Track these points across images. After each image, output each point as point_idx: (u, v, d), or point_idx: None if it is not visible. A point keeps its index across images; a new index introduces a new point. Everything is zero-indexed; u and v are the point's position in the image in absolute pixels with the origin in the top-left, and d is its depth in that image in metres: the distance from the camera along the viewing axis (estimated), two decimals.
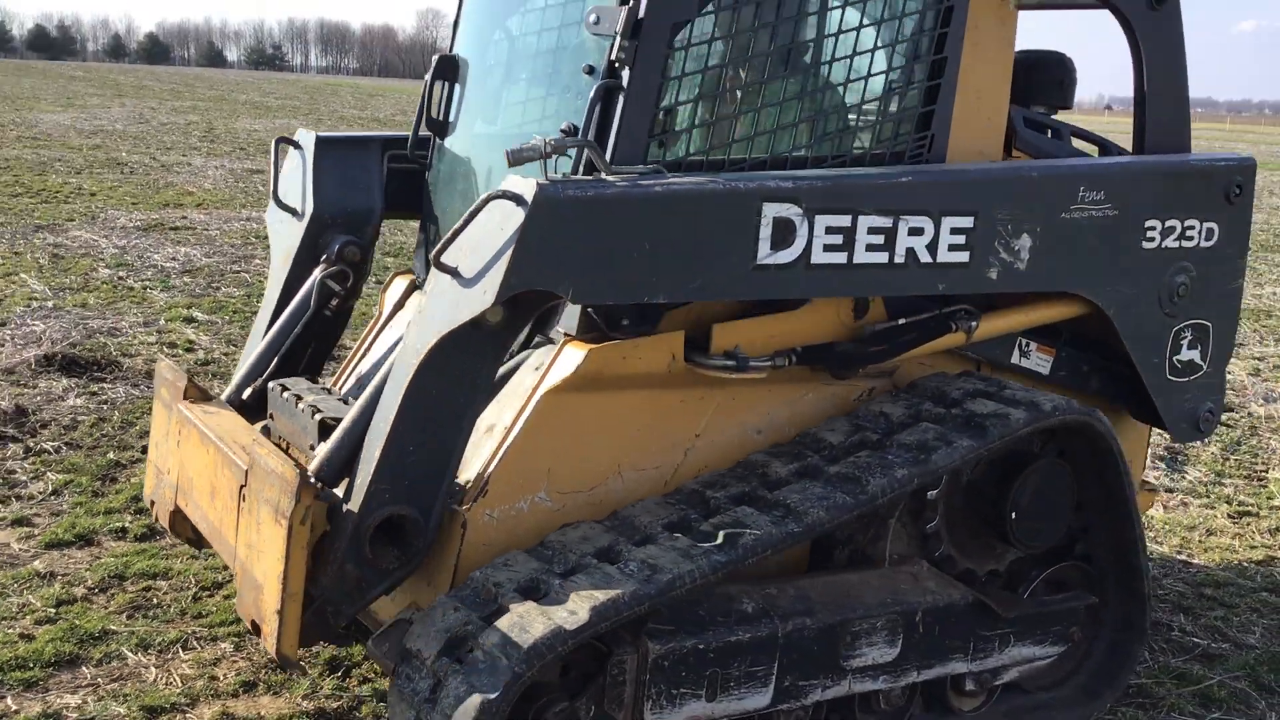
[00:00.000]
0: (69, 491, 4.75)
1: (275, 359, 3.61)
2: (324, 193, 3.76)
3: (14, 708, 3.20)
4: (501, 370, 3.09)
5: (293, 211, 3.80)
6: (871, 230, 3.06)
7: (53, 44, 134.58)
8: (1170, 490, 5.64)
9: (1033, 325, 3.64)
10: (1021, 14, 3.57)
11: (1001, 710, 3.54)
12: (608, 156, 2.87)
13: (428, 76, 3.76)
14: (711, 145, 3.13)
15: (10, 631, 3.60)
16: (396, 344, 3.27)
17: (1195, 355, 3.83)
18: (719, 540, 2.81)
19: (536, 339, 3.21)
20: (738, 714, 2.92)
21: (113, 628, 3.68)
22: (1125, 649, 3.69)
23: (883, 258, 3.09)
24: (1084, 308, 3.62)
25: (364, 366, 3.72)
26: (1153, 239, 3.62)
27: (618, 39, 2.88)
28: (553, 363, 2.99)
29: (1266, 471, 6.03)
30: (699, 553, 2.76)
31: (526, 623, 2.56)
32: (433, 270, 2.79)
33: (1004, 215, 3.28)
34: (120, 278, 9.16)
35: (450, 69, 3.80)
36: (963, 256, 3.24)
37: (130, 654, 3.54)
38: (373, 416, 2.86)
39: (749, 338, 3.16)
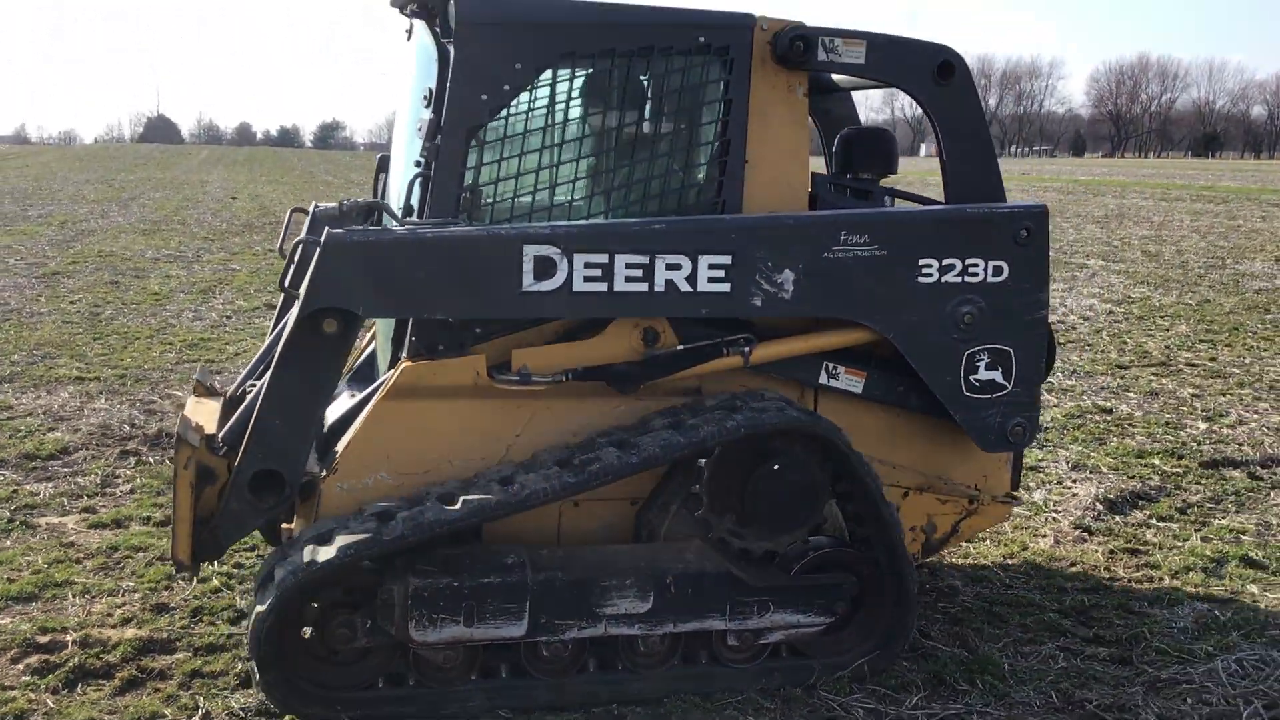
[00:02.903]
0: (140, 492, 6.31)
1: (262, 366, 4.86)
2: None
3: None
4: (378, 383, 4.29)
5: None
6: (630, 265, 3.93)
7: None
8: (1082, 526, 5.79)
9: (818, 350, 4.31)
10: None
11: (771, 666, 4.21)
12: None
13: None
14: (514, 217, 4.14)
15: (2, 577, 5.10)
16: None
17: (996, 376, 4.34)
18: (466, 503, 3.80)
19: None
20: (498, 639, 3.88)
21: (76, 579, 5.10)
22: (880, 659, 4.27)
23: (643, 287, 3.96)
24: (871, 334, 4.26)
25: None
26: (930, 275, 4.21)
27: (423, 142, 4.07)
28: (389, 378, 4.09)
29: (1207, 522, 5.99)
30: (451, 510, 3.78)
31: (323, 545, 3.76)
32: None
33: (762, 254, 4.03)
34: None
35: (385, 164, 5.13)
36: (724, 287, 4.02)
37: (70, 597, 4.93)
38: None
39: (545, 360, 4.11)
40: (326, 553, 3.68)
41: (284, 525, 4.28)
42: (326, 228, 3.83)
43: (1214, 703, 4.01)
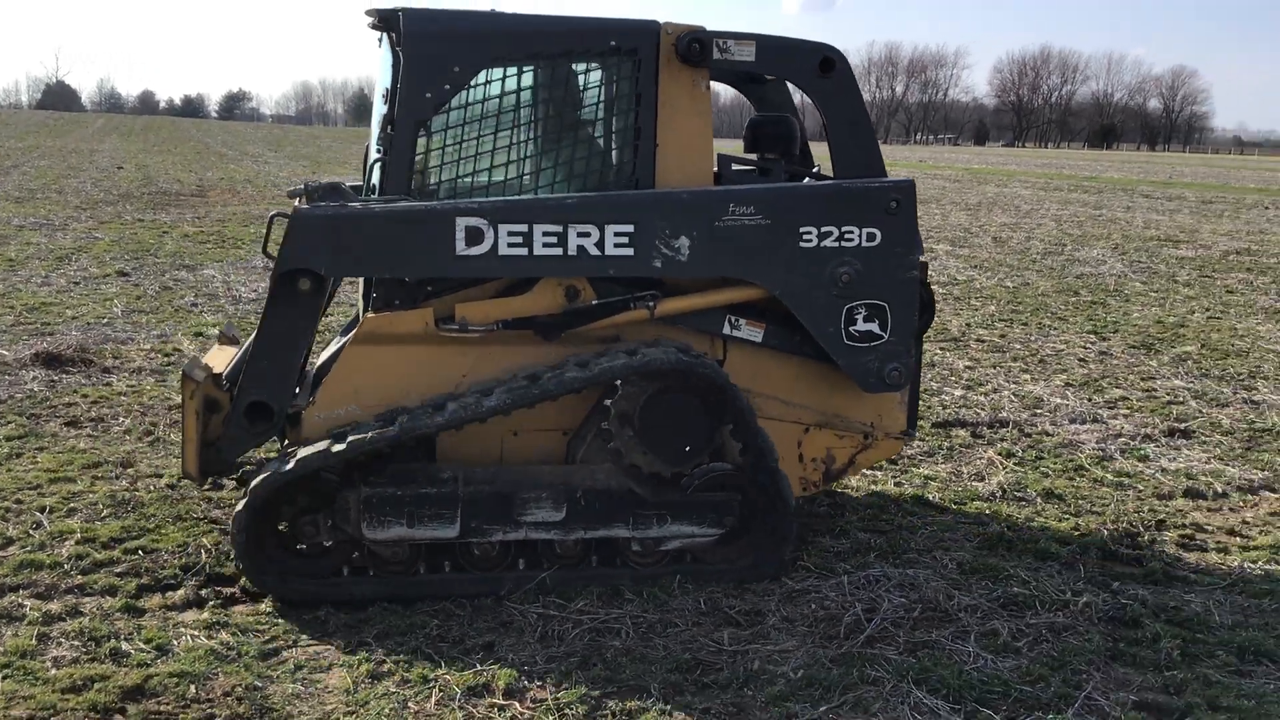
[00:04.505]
0: None
1: None
2: None
3: None
4: (352, 333, 5.02)
5: None
6: (546, 233, 4.69)
7: None
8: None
9: (717, 305, 5.03)
10: None
11: (670, 569, 4.98)
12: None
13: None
14: (457, 193, 4.89)
15: None
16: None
17: (873, 327, 5.04)
18: (421, 419, 4.66)
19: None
20: (435, 539, 4.71)
21: None
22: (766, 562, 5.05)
23: (558, 251, 4.73)
24: (762, 291, 4.96)
25: None
26: (810, 241, 4.91)
27: (379, 133, 4.87)
28: (358, 328, 4.90)
29: (908, 471, 6.75)
30: (404, 424, 4.64)
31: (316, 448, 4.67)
32: None
33: (661, 224, 4.77)
34: (192, 304, 11.45)
35: (368, 152, 5.69)
36: (628, 251, 4.77)
37: None
38: None
39: (482, 313, 4.86)
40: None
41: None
42: (295, 204, 4.68)
43: (829, 606, 4.75)
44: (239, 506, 4.59)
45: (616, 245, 4.74)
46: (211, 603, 4.73)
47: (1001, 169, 53.24)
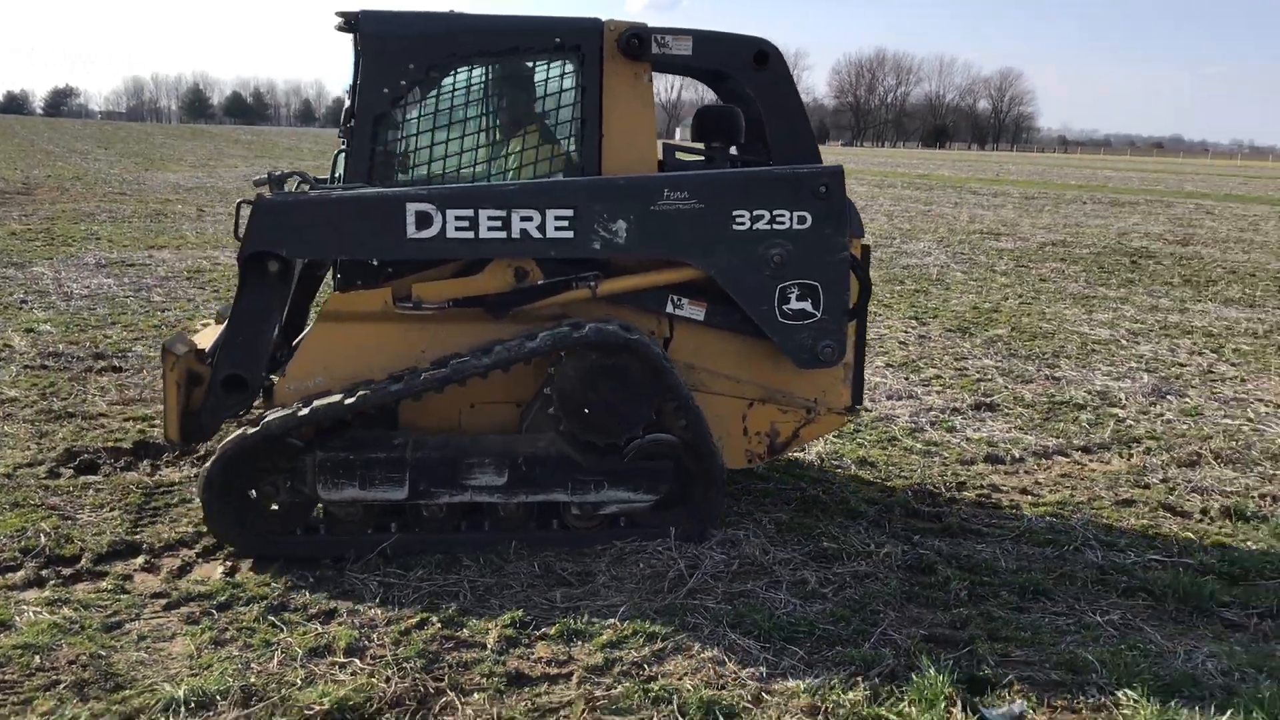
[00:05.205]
0: None
1: None
2: None
3: None
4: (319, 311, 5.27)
5: None
6: (491, 218, 4.97)
7: (248, 110, 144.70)
8: None
9: (657, 284, 5.27)
10: None
11: (611, 532, 5.29)
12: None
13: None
14: (414, 180, 5.15)
15: None
16: None
17: (806, 305, 5.27)
18: (376, 390, 5.00)
19: None
20: (386, 500, 5.04)
21: None
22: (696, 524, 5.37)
23: (502, 234, 5.01)
24: (699, 272, 5.20)
25: None
26: (742, 223, 5.15)
27: (342, 125, 5.12)
28: (324, 307, 5.24)
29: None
30: (361, 393, 4.98)
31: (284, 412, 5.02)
32: None
33: (599, 208, 5.02)
34: (22, 300, 11.21)
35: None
36: (568, 234, 5.04)
37: None
38: None
39: (436, 292, 5.19)
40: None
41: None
42: (259, 191, 4.97)
43: (655, 565, 5.09)
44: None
45: (557, 228, 5.00)
46: (52, 582, 4.80)
47: None
